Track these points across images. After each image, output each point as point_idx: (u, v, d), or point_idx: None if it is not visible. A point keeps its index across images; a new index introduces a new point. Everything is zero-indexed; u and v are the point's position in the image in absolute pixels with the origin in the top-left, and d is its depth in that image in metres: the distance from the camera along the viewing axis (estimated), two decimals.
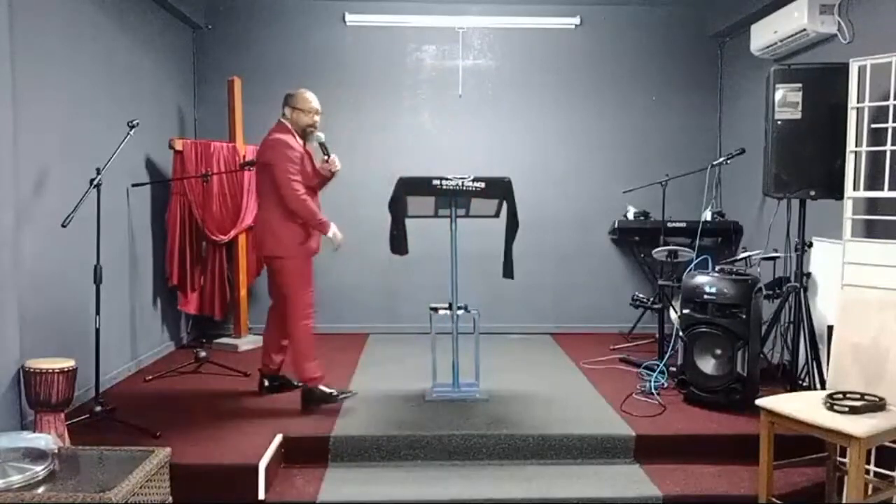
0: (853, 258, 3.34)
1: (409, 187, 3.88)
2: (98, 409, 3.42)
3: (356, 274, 5.74)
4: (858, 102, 3.38)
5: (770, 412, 2.83)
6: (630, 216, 5.66)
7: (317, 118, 3.87)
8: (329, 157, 3.89)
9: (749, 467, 3.12)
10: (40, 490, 2.24)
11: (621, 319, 5.70)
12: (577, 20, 5.78)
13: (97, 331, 3.49)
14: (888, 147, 3.30)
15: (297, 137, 3.81)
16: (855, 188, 3.43)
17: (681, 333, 3.96)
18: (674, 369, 4.12)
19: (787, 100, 3.75)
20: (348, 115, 5.72)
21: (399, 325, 5.71)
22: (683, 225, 5.38)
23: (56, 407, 3.07)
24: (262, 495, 2.95)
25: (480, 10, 5.74)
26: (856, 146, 3.41)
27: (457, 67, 5.78)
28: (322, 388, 3.80)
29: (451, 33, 5.76)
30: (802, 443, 3.05)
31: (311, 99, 3.84)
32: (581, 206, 5.85)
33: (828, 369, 3.11)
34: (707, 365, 3.84)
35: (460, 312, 3.97)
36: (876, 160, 3.41)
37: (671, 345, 4.16)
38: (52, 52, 3.60)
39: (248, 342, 5.21)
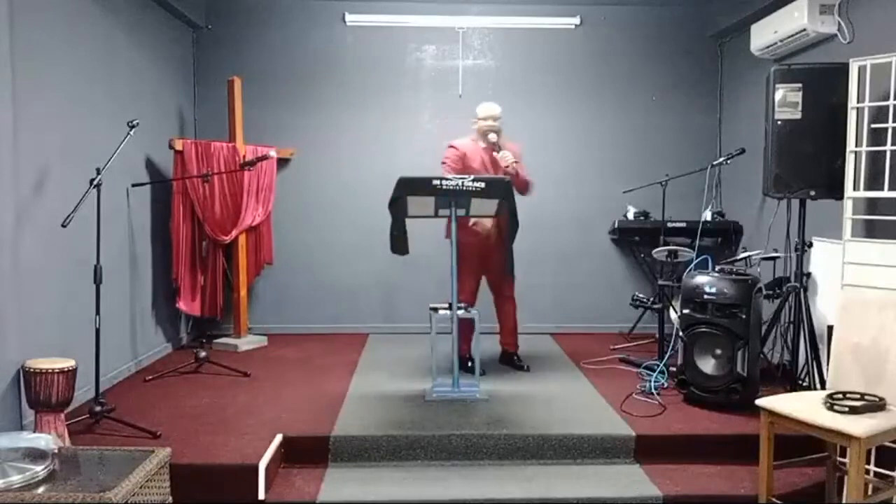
0: (853, 258, 3.34)
1: (409, 187, 3.88)
2: (98, 409, 3.41)
3: (356, 274, 5.74)
4: (858, 102, 3.38)
5: (770, 412, 2.83)
6: (630, 216, 5.66)
7: (491, 122, 4.44)
8: (498, 153, 4.39)
9: (749, 467, 3.12)
10: (40, 490, 2.23)
11: (621, 319, 5.70)
12: (577, 20, 5.78)
13: (97, 331, 3.48)
14: (888, 147, 3.30)
15: (476, 140, 4.48)
16: (855, 188, 3.44)
17: (681, 333, 3.96)
18: (674, 369, 4.11)
19: (787, 100, 3.74)
20: (348, 115, 5.72)
21: (399, 325, 5.71)
22: (683, 225, 5.38)
23: (56, 407, 3.07)
24: (262, 495, 2.95)
25: (480, 10, 5.74)
26: (856, 146, 3.42)
27: (457, 67, 5.78)
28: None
29: (451, 33, 5.76)
30: (802, 443, 3.05)
31: (484, 108, 4.50)
32: (581, 206, 5.84)
33: (828, 369, 3.11)
34: (707, 365, 3.84)
35: (460, 312, 3.97)
36: (876, 160, 3.41)
37: (671, 345, 4.16)
38: (52, 52, 3.60)
39: (248, 342, 5.21)
